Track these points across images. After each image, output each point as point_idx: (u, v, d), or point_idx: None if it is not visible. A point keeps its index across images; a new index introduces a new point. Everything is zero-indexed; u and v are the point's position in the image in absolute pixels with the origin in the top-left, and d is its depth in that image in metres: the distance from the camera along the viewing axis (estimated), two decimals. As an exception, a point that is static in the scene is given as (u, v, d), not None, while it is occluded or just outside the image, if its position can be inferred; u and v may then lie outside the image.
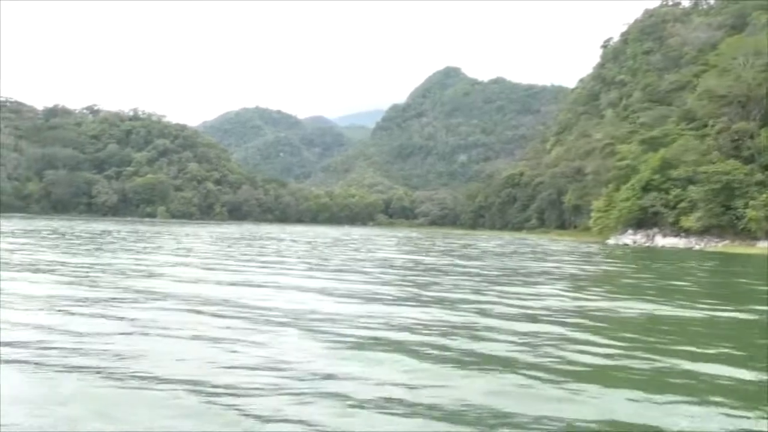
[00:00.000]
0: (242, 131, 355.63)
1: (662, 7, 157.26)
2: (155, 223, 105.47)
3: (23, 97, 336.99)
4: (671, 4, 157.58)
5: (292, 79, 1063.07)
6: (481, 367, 6.87)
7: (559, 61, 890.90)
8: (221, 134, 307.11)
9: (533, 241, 68.45)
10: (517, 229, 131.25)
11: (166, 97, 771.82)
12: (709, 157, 59.46)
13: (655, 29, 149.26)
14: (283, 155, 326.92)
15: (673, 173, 60.87)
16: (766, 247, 50.27)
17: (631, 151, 73.43)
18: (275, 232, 69.88)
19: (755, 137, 59.61)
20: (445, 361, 7.09)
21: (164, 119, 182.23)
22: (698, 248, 54.44)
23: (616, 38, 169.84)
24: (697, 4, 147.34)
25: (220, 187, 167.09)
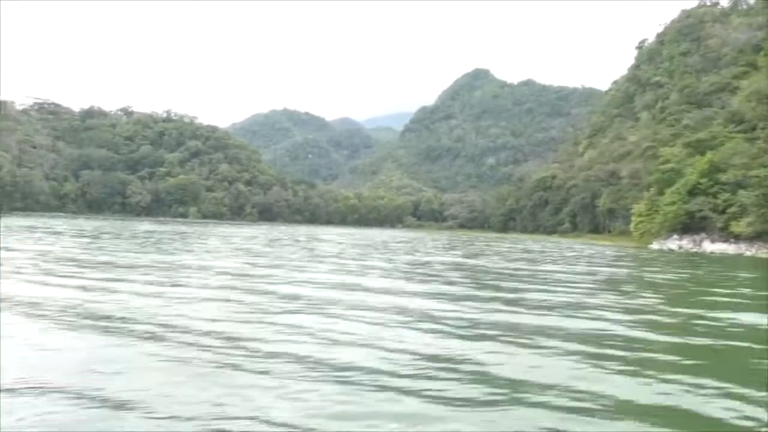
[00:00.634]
0: (271, 133, 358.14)
1: (700, 7, 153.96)
2: (191, 223, 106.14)
3: (61, 98, 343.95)
4: (709, 4, 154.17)
5: (320, 81, 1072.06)
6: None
7: (589, 63, 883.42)
8: (250, 136, 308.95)
9: (577, 245, 66.83)
10: (548, 232, 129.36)
11: (196, 98, 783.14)
12: (760, 160, 57.49)
13: (692, 30, 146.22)
14: (311, 157, 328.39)
15: (721, 177, 59.05)
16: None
17: (674, 154, 71.55)
18: (317, 233, 69.97)
19: (808, 140, 57.65)
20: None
21: (196, 121, 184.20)
22: (749, 254, 52.65)
23: (651, 39, 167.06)
24: (736, 4, 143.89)
25: (250, 188, 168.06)
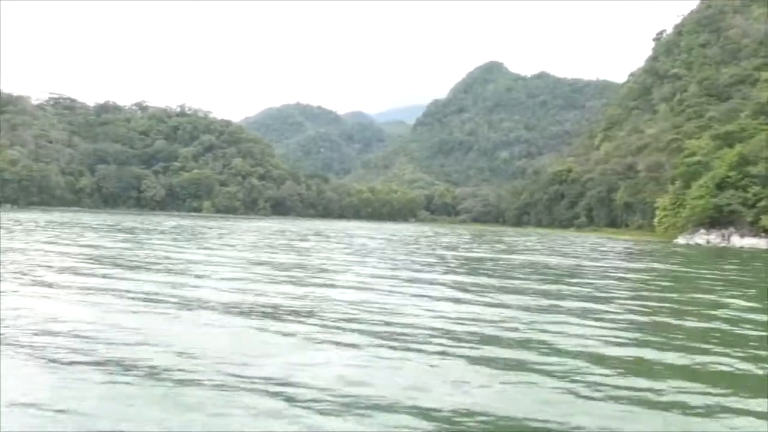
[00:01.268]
0: (283, 127, 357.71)
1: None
2: (207, 218, 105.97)
3: (76, 93, 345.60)
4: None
5: (332, 75, 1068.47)
6: None
7: (604, 55, 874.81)
8: (263, 130, 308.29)
9: (606, 241, 65.10)
10: (564, 226, 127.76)
11: (209, 93, 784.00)
12: (792, 153, 56.09)
13: (711, 21, 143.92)
14: (323, 151, 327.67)
15: (752, 170, 57.60)
16: None
17: (701, 146, 69.94)
18: (338, 228, 69.40)
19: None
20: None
21: (210, 115, 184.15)
22: (781, 249, 51.36)
23: (669, 30, 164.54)
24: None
25: (263, 182, 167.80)
